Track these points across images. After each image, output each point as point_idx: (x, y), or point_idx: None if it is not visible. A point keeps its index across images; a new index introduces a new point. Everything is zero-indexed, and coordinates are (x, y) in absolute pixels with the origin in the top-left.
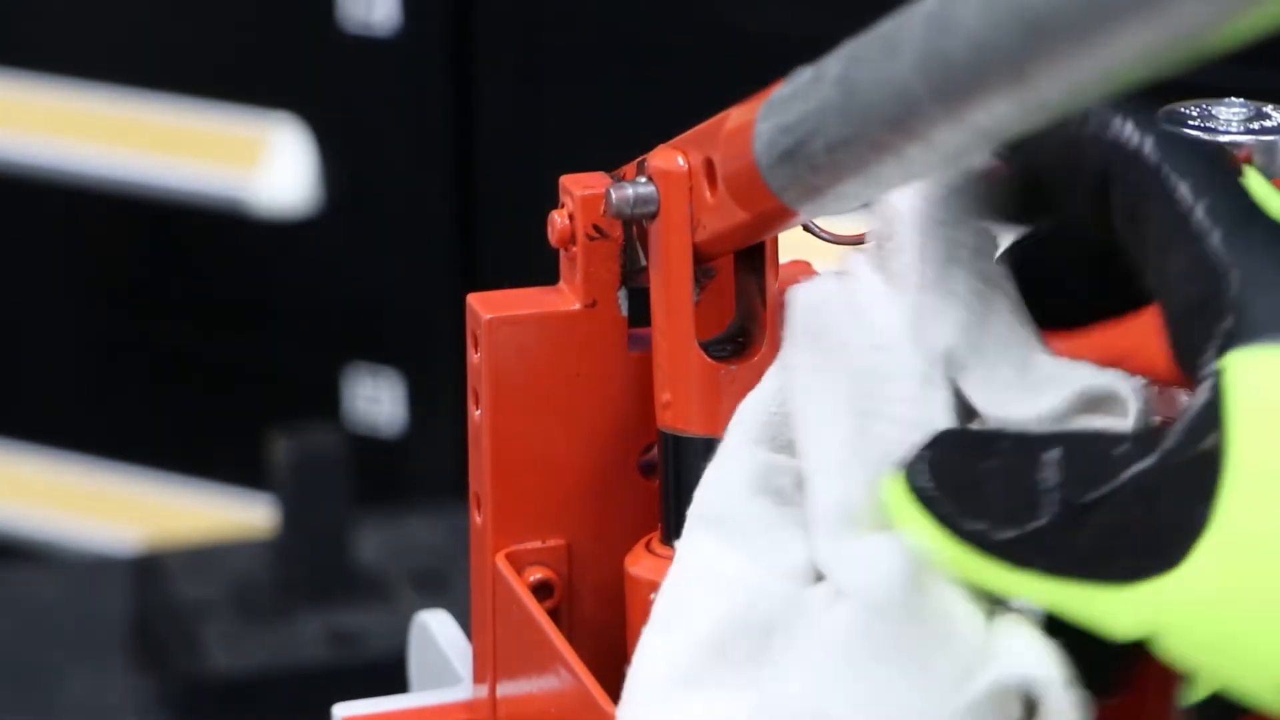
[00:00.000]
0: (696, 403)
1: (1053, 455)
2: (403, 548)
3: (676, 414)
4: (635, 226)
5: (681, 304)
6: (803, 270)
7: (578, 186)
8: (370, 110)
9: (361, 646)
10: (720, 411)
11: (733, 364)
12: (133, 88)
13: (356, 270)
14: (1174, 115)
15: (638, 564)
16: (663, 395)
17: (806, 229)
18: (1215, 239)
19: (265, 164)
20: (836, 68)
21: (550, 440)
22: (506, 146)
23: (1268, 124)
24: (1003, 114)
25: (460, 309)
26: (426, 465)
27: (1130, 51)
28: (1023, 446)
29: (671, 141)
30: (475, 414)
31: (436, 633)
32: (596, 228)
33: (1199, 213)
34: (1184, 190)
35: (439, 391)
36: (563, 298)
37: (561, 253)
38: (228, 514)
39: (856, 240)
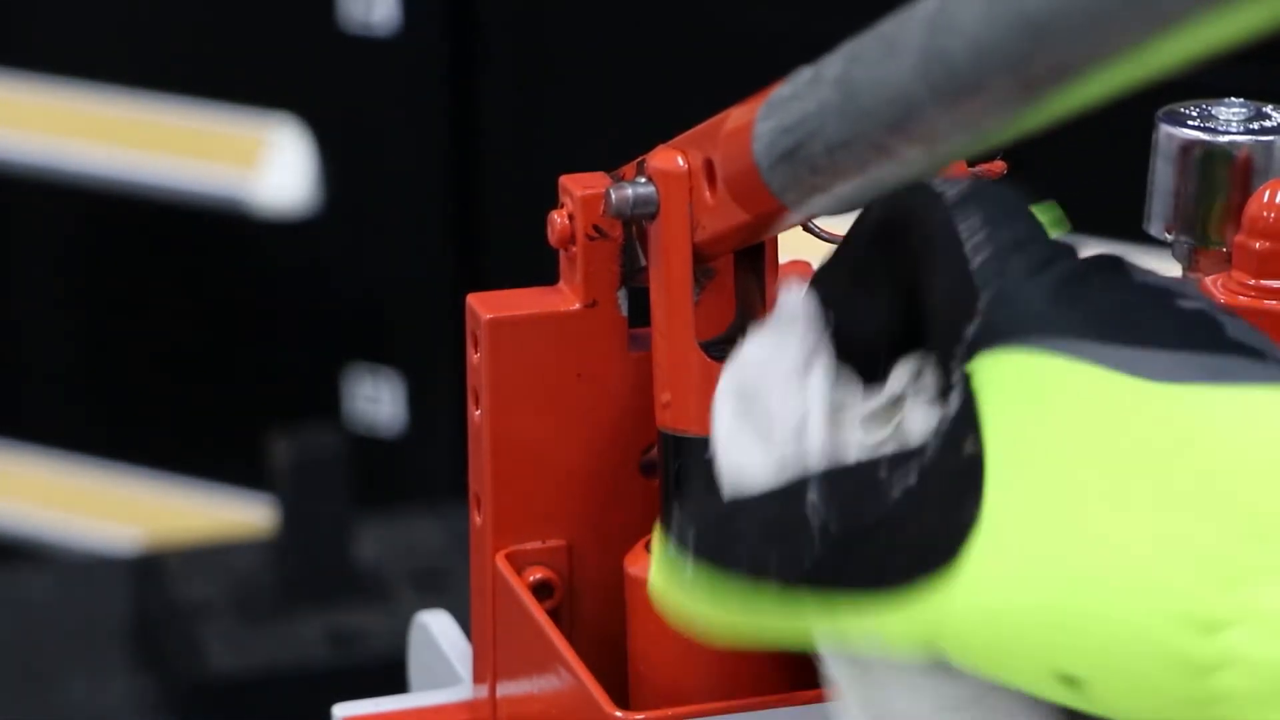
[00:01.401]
0: (696, 403)
1: (814, 496)
2: (403, 548)
3: (677, 414)
4: (635, 226)
5: (681, 304)
6: (803, 270)
7: (578, 186)
8: (370, 110)
9: (361, 646)
10: None
11: None
12: (133, 88)
13: (356, 270)
14: (1174, 115)
15: (638, 564)
16: (663, 395)
17: (806, 229)
18: (977, 262)
19: (265, 164)
20: (836, 68)
21: (550, 440)
22: (506, 146)
23: (1268, 124)
24: (1003, 115)
25: (460, 309)
26: (426, 465)
27: (1131, 52)
28: (782, 498)
29: (671, 142)
30: (475, 414)
31: (436, 633)
32: (596, 228)
33: (972, 241)
34: (973, 221)
35: (439, 391)
36: (563, 298)
37: (561, 253)
38: (228, 514)
39: None
